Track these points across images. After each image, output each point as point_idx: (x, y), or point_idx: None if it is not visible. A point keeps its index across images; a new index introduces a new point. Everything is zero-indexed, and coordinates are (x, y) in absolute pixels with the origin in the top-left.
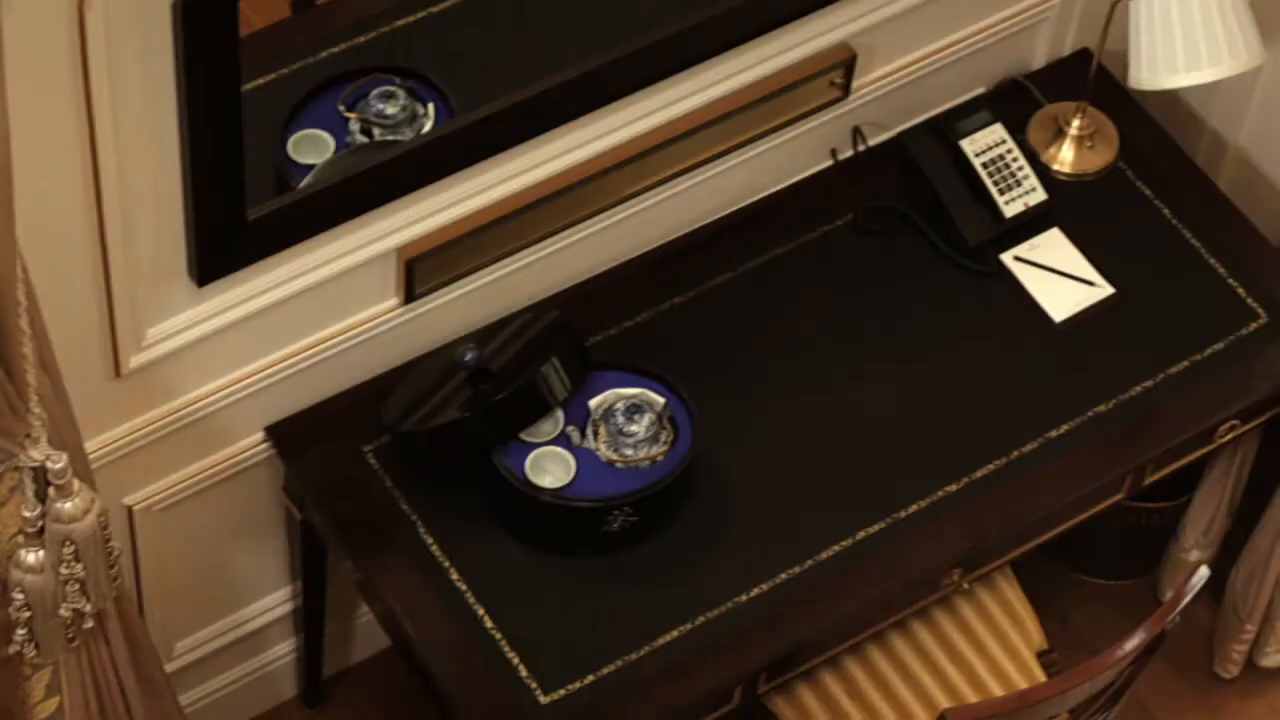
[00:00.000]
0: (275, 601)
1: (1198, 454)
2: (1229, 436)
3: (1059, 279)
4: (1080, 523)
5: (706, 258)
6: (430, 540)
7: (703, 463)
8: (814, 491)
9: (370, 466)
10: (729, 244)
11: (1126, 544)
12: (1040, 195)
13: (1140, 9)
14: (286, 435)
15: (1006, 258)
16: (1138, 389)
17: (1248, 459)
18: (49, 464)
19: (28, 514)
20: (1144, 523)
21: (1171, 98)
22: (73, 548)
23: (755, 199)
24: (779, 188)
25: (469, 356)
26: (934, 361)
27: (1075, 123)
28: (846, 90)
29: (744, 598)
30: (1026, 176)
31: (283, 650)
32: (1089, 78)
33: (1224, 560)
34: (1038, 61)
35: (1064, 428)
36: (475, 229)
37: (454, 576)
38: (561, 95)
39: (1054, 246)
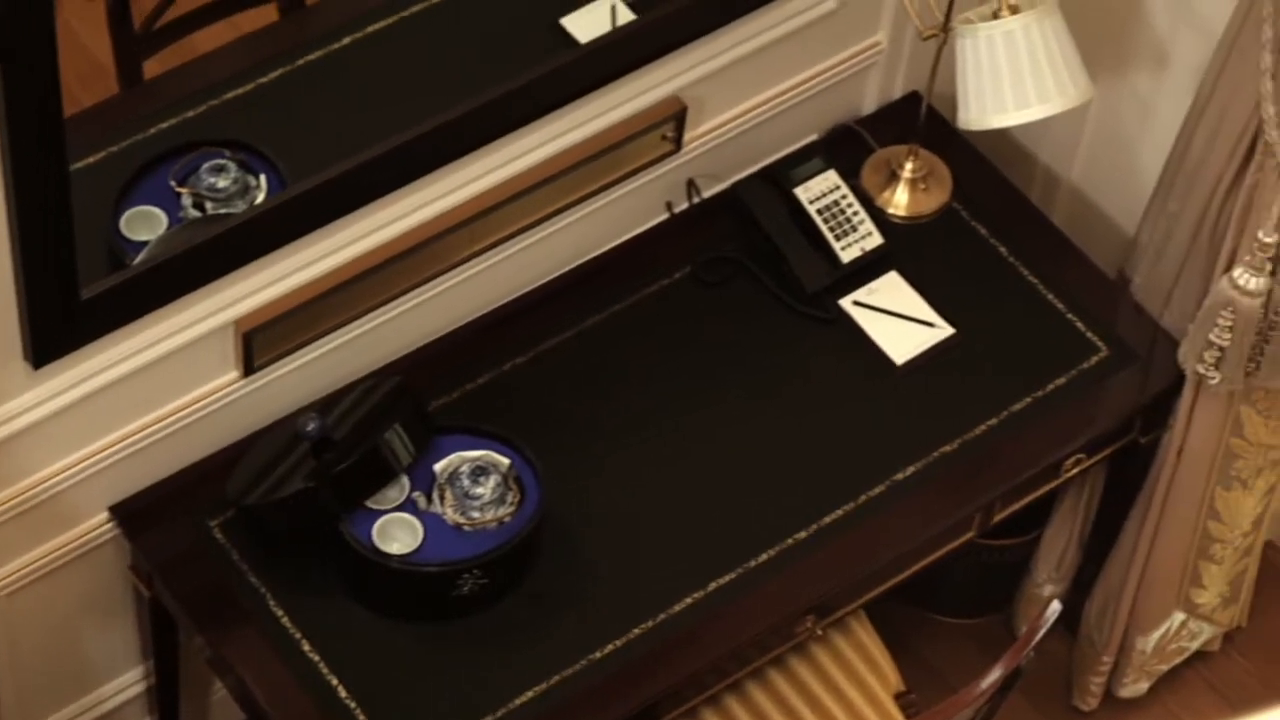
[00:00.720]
0: (129, 681)
1: (1046, 489)
2: (1075, 470)
3: (899, 321)
4: (932, 563)
5: (546, 316)
6: (280, 612)
7: (551, 522)
8: (663, 545)
9: (217, 541)
10: (568, 302)
11: (979, 581)
12: (876, 239)
13: (967, 50)
14: (131, 513)
15: (846, 303)
16: (982, 427)
17: (1096, 492)
18: None
19: None
20: (996, 559)
21: (1003, 136)
22: None
23: (593, 255)
24: (616, 243)
25: (311, 426)
26: (778, 410)
27: (908, 165)
28: (678, 143)
29: (598, 654)
30: (862, 221)
31: None
32: (919, 120)
33: (1077, 593)
34: (868, 106)
35: (910, 469)
36: (312, 298)
37: (306, 648)
38: (393, 161)
39: (892, 289)
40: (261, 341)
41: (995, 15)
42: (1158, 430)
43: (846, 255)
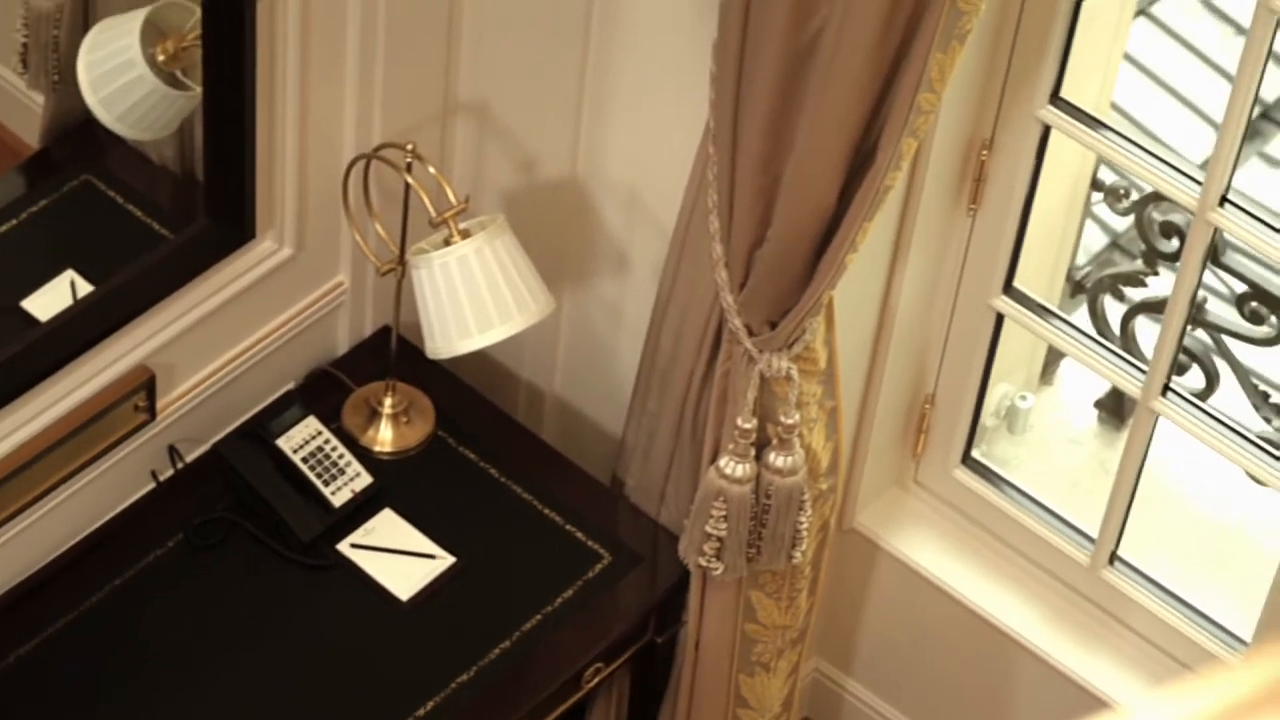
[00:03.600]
0: None
1: (571, 702)
2: (597, 680)
3: (400, 558)
4: None
5: (46, 602)
6: None
7: None
8: None
9: None
10: (67, 584)
11: None
12: (366, 479)
13: (424, 280)
14: None
15: (343, 547)
16: (496, 651)
17: (623, 696)
18: None
19: None
20: None
21: (482, 357)
22: None
23: (83, 536)
24: (105, 520)
25: None
26: (291, 662)
27: (387, 401)
28: (152, 412)
29: None
30: (349, 463)
31: None
32: (391, 355)
33: None
34: (342, 347)
35: (430, 704)
36: None
37: None
38: None
39: (389, 527)
40: None
41: (447, 242)
42: (673, 627)
43: (338, 499)
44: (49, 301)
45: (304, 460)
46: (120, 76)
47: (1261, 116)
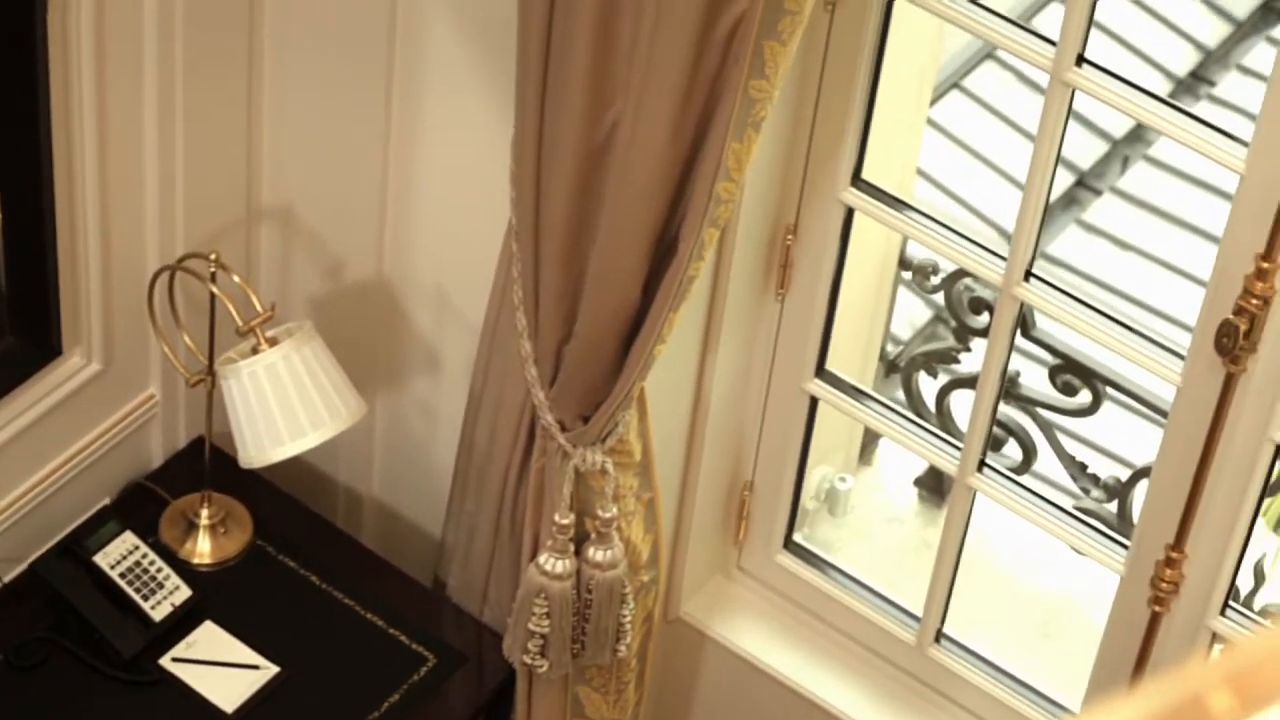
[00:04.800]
0: None
1: None
2: None
3: (223, 669)
4: None
5: None
6: None
7: None
8: None
9: None
10: None
11: None
12: (186, 592)
13: (234, 390)
14: None
15: (166, 661)
16: None
17: None
18: None
19: None
20: None
21: (299, 464)
22: None
23: None
24: None
25: None
26: None
27: (204, 513)
28: None
29: None
30: (168, 577)
31: None
32: (206, 466)
33: None
34: (156, 459)
35: None
36: None
37: None
38: None
39: (211, 639)
40: None
41: (255, 350)
42: None
43: (158, 614)
44: None
45: (122, 576)
46: None
47: (1078, 184)
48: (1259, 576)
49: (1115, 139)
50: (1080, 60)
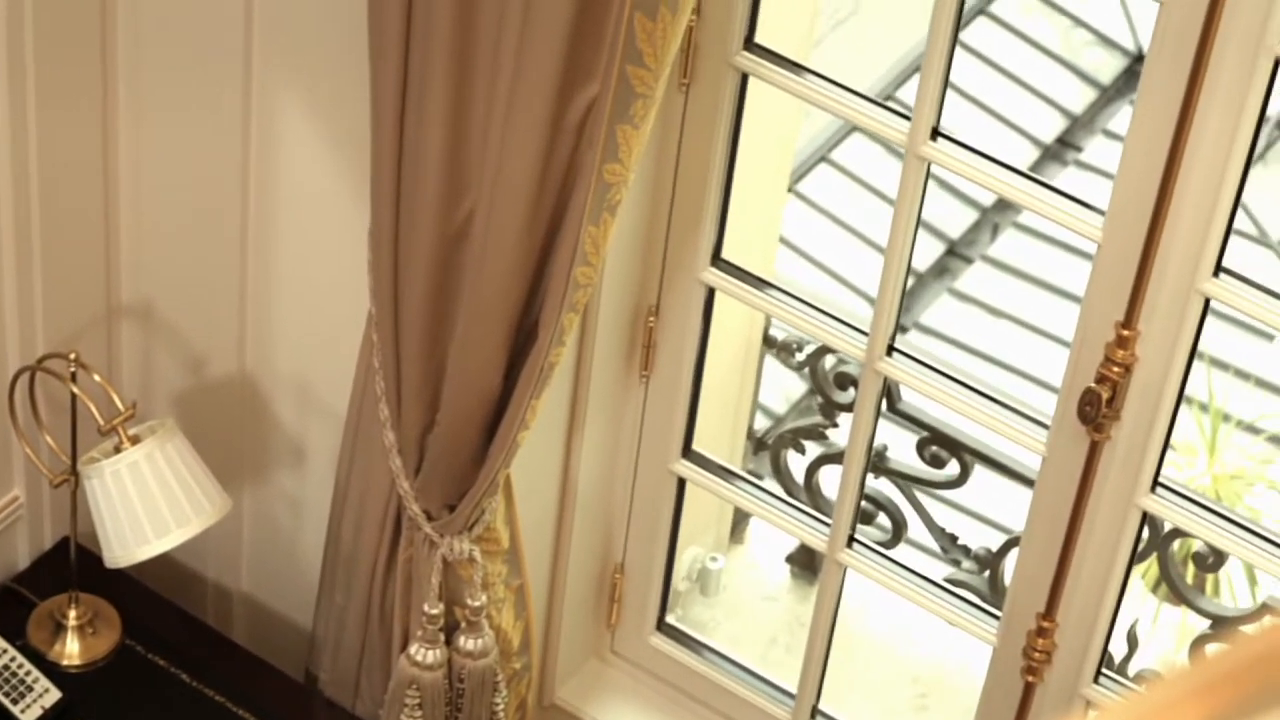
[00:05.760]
0: None
1: None
2: None
3: None
4: None
5: None
6: None
7: None
8: None
9: None
10: None
11: None
12: (55, 694)
13: (97, 489)
14: None
15: None
16: None
17: None
18: None
19: None
20: None
21: (166, 561)
22: None
23: None
24: None
25: None
26: None
27: (71, 614)
28: None
29: None
30: (37, 679)
31: None
32: (73, 566)
33: None
34: (23, 561)
35: None
36: None
37: None
38: None
39: None
40: None
41: (118, 449)
42: None
43: (28, 717)
44: None
45: None
46: None
47: (949, 253)
48: (1133, 642)
49: (985, 207)
50: (935, 134)
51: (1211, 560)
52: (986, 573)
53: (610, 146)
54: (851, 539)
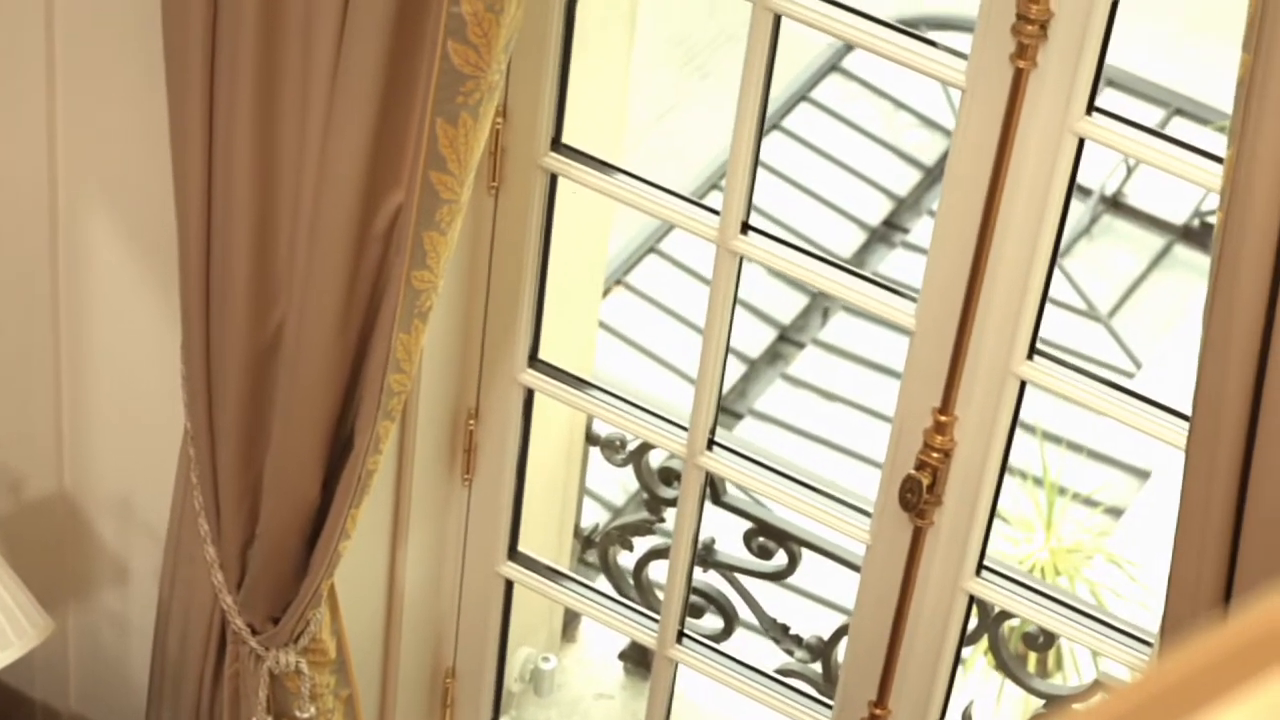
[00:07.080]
0: None
1: None
2: None
3: None
4: None
5: None
6: None
7: None
8: None
9: None
10: None
11: None
12: None
13: None
14: None
15: None
16: None
17: None
18: None
19: None
20: None
21: None
22: None
23: None
24: None
25: None
26: None
27: None
28: None
29: None
30: None
31: None
32: None
33: None
34: None
35: None
36: None
37: None
38: None
39: None
40: None
41: None
42: None
43: None
44: None
45: None
46: None
47: (781, 339)
48: None
49: (814, 292)
50: (746, 228)
51: (1042, 640)
52: (819, 662)
53: (418, 253)
54: (681, 634)
